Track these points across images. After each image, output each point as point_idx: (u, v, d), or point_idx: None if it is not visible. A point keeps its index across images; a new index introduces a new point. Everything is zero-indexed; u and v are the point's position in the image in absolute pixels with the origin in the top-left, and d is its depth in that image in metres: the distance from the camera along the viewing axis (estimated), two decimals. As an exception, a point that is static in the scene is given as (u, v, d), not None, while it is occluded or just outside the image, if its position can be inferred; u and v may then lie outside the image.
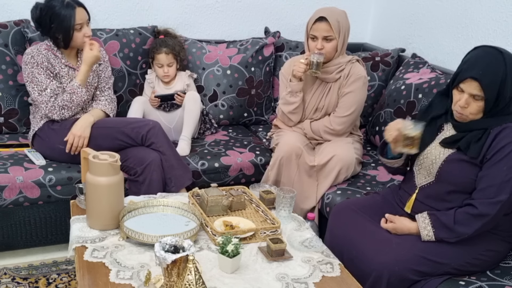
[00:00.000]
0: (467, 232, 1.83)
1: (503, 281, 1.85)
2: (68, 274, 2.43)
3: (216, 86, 3.13)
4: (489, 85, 1.79)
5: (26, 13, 2.74)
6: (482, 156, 1.84)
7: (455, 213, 1.85)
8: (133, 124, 2.51)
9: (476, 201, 1.82)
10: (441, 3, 3.10)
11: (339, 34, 2.52)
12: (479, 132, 1.86)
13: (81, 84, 2.49)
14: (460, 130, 1.92)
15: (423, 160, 2.00)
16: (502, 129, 1.82)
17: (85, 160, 1.97)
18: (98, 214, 1.90)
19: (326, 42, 2.53)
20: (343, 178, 2.54)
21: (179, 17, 3.29)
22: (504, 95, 1.81)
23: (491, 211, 1.79)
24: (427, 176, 1.98)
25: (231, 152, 2.79)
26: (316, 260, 1.86)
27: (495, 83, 1.79)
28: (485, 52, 1.84)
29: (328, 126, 2.63)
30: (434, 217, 1.89)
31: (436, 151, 1.96)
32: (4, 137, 2.72)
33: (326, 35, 2.51)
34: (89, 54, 2.49)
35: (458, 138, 1.91)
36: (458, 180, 1.90)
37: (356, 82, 2.59)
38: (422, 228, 1.90)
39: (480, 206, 1.80)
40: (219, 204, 2.08)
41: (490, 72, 1.79)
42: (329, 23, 2.48)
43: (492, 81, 1.79)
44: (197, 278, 1.43)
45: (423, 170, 1.99)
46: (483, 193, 1.81)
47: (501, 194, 1.78)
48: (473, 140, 1.86)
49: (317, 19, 2.52)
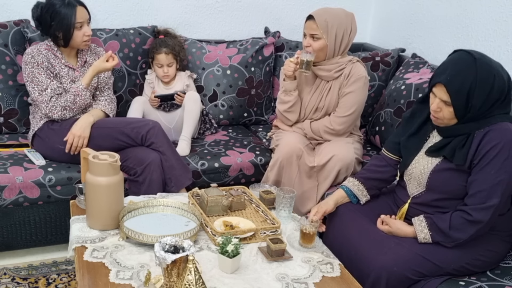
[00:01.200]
0: (462, 237, 1.83)
1: (503, 281, 1.85)
2: (68, 274, 2.43)
3: (216, 86, 3.13)
4: (456, 92, 1.77)
5: (26, 13, 2.74)
6: (469, 162, 1.83)
7: (451, 218, 1.85)
8: (133, 124, 2.51)
9: (469, 207, 1.81)
10: (441, 3, 3.10)
11: (327, 34, 2.52)
12: (462, 137, 1.85)
13: (86, 87, 2.50)
14: (444, 136, 1.92)
15: (412, 171, 2.00)
16: (486, 133, 1.81)
17: (85, 160, 1.97)
18: (98, 214, 1.90)
19: (312, 41, 2.55)
20: (343, 178, 2.54)
21: (179, 17, 3.29)
22: (474, 104, 1.78)
23: (484, 217, 1.78)
24: (418, 187, 1.98)
25: (231, 152, 2.79)
26: (316, 260, 1.86)
27: (462, 91, 1.77)
28: (459, 58, 1.82)
29: (328, 126, 2.63)
30: (430, 221, 1.89)
31: (424, 160, 1.96)
32: (4, 137, 2.72)
33: (313, 33, 2.53)
34: (103, 63, 2.50)
35: (443, 144, 1.90)
36: (449, 188, 1.90)
37: (357, 82, 2.59)
38: (419, 231, 1.90)
39: (473, 213, 1.79)
40: (219, 204, 2.08)
41: (459, 79, 1.77)
42: (316, 22, 2.50)
43: (459, 89, 1.77)
44: (197, 278, 1.43)
45: (413, 180, 2.00)
46: (474, 198, 1.81)
47: (492, 198, 1.78)
48: (457, 147, 1.85)
49: (308, 17, 2.56)
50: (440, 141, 1.93)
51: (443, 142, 1.91)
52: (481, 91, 1.77)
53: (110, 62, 2.51)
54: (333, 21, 2.52)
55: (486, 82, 1.77)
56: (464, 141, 1.85)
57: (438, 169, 1.91)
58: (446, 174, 1.89)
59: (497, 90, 1.79)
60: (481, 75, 1.76)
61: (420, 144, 2.01)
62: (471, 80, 1.76)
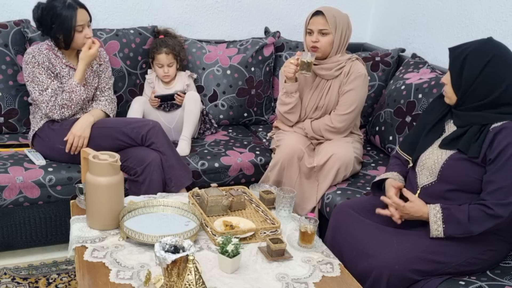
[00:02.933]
0: (477, 230, 1.82)
1: (503, 281, 1.85)
2: (68, 274, 2.43)
3: (216, 86, 3.13)
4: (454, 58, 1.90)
5: (26, 13, 2.75)
6: (482, 155, 1.84)
7: (469, 209, 1.83)
8: (133, 124, 2.51)
9: (489, 202, 1.80)
10: (441, 3, 3.10)
11: (335, 29, 2.53)
12: (477, 130, 1.87)
13: (79, 82, 2.49)
14: (459, 125, 1.93)
15: (426, 161, 2.00)
16: (501, 129, 1.82)
17: (85, 160, 1.97)
18: (98, 214, 1.90)
19: (321, 36, 2.54)
20: (342, 177, 2.54)
21: (179, 17, 3.29)
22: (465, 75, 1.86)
23: (505, 213, 1.78)
24: (429, 176, 1.98)
25: (231, 152, 2.79)
26: (316, 260, 1.86)
27: (459, 57, 1.88)
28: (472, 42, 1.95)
29: (329, 124, 2.63)
30: (447, 212, 1.85)
31: (438, 151, 1.97)
32: (4, 137, 2.72)
33: (322, 28, 2.53)
34: (86, 52, 2.49)
35: (457, 136, 1.91)
36: (460, 179, 1.90)
37: (357, 80, 2.60)
38: (432, 222, 1.87)
39: (495, 208, 1.79)
40: (219, 204, 2.08)
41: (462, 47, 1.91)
42: (325, 17, 2.51)
43: (458, 55, 1.89)
44: (197, 278, 1.43)
45: (425, 170, 1.99)
46: (493, 195, 1.80)
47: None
48: (472, 140, 1.86)
49: (314, 13, 2.56)
50: (454, 132, 1.94)
51: (457, 133, 1.92)
52: (474, 61, 1.84)
53: (93, 48, 2.49)
54: (340, 17, 2.55)
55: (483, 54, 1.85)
56: (479, 134, 1.86)
57: (452, 158, 1.91)
58: (460, 164, 1.89)
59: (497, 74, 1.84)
60: (481, 47, 1.87)
61: (437, 137, 2.01)
62: (470, 49, 1.87)
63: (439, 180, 1.94)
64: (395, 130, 2.77)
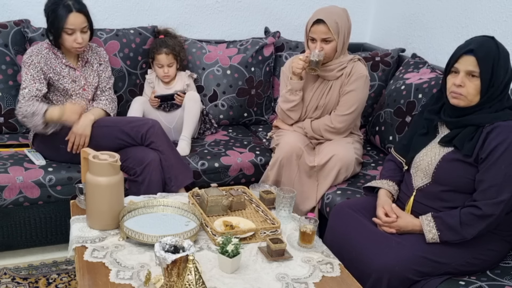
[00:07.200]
0: (472, 233, 1.83)
1: (503, 281, 1.85)
2: (68, 274, 2.43)
3: (216, 86, 3.13)
4: (484, 60, 1.81)
5: (26, 13, 2.75)
6: (475, 154, 1.84)
7: (460, 214, 1.85)
8: (133, 123, 2.51)
9: (479, 202, 1.82)
10: (441, 3, 3.10)
11: (338, 35, 2.52)
12: (472, 129, 1.87)
13: (47, 118, 2.40)
14: (453, 127, 1.94)
15: (420, 163, 2.00)
16: (493, 128, 1.83)
17: (85, 160, 1.97)
18: (98, 214, 1.90)
19: (325, 44, 2.53)
20: (343, 178, 2.54)
21: (179, 17, 3.29)
22: (498, 75, 1.82)
23: (495, 211, 1.79)
24: (424, 178, 1.98)
25: (231, 152, 2.79)
26: (316, 260, 1.86)
27: (489, 59, 1.82)
28: (476, 37, 1.92)
29: (329, 125, 2.63)
30: (439, 220, 1.88)
31: (432, 152, 1.97)
32: (4, 137, 2.72)
33: (325, 37, 2.51)
34: (71, 117, 2.42)
35: (454, 135, 1.92)
36: (454, 180, 1.90)
37: (358, 81, 2.60)
38: (427, 231, 1.89)
39: (484, 207, 1.80)
40: (219, 204, 2.08)
41: (484, 48, 1.83)
42: (327, 25, 2.49)
43: (486, 56, 1.82)
44: (197, 278, 1.43)
45: (420, 172, 2.00)
46: (484, 194, 1.81)
47: (502, 193, 1.79)
48: (466, 139, 1.87)
49: (315, 21, 2.51)
50: (452, 132, 1.94)
51: (454, 132, 1.92)
52: (503, 61, 1.83)
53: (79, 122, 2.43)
54: (341, 21, 2.52)
55: (506, 53, 1.86)
56: (473, 134, 1.86)
57: (446, 158, 1.92)
58: (453, 164, 1.90)
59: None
60: (501, 47, 1.86)
61: (431, 138, 2.02)
62: (494, 51, 1.84)
63: (434, 181, 1.95)
64: (395, 130, 2.77)
